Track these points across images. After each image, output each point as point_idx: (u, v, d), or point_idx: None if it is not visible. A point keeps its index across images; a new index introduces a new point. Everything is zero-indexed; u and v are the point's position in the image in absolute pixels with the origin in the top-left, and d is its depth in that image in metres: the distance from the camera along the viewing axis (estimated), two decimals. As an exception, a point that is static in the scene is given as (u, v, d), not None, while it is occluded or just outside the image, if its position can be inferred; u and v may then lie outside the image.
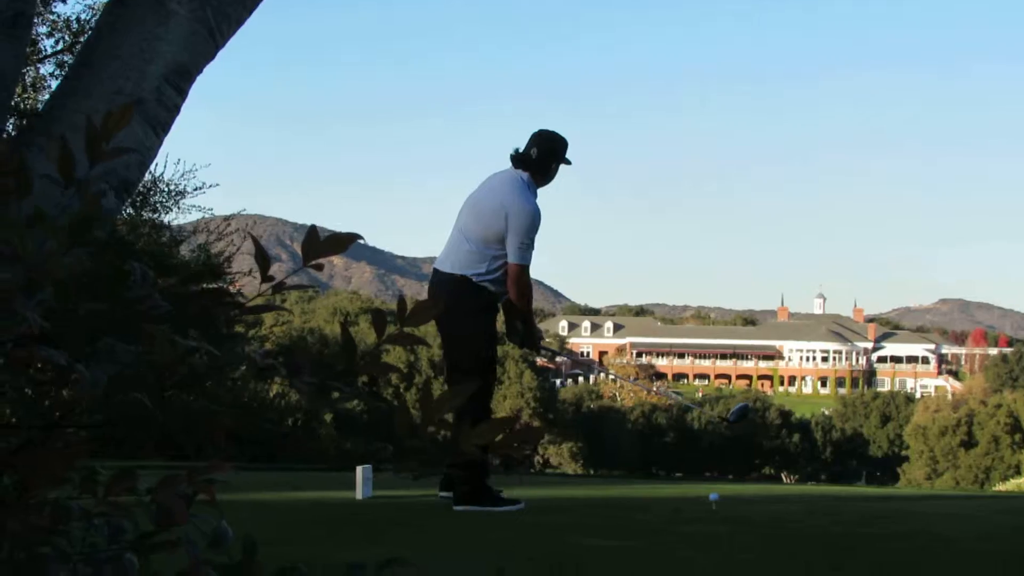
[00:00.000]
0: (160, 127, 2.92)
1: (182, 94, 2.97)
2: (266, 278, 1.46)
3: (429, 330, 4.37)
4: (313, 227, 1.47)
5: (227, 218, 22.80)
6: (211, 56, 3.08)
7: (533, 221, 6.29)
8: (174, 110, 2.96)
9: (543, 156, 6.44)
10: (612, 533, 5.21)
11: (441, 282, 6.38)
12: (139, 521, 1.47)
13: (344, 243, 1.45)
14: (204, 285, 1.50)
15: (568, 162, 6.57)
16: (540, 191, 6.52)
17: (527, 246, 6.28)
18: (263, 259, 1.45)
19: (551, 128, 6.59)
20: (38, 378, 1.45)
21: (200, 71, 3.05)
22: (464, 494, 6.18)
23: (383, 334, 1.45)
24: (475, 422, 1.39)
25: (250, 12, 3.27)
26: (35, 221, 1.37)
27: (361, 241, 1.55)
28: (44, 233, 1.37)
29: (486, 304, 6.34)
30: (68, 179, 1.50)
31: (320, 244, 1.45)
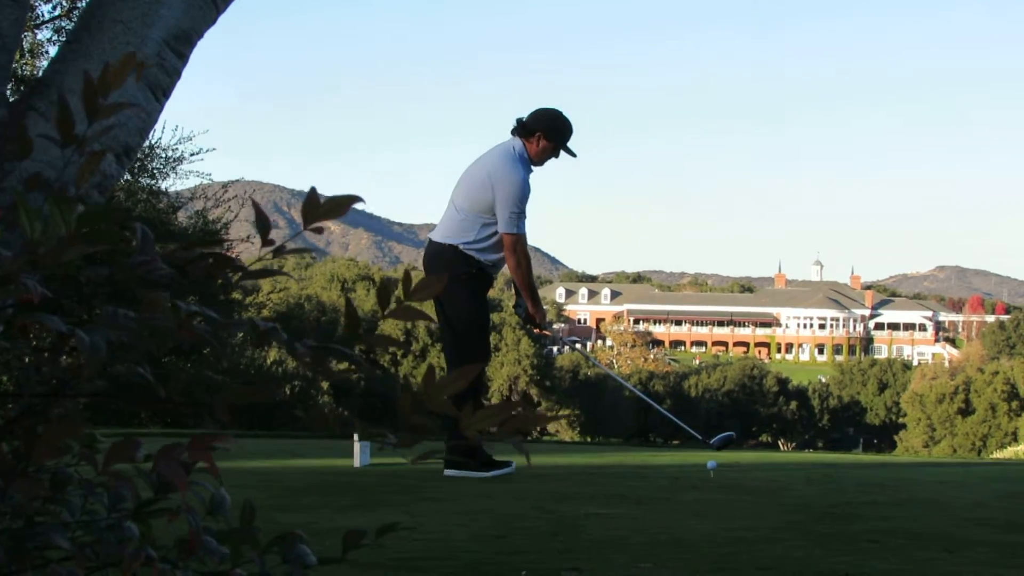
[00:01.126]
0: (161, 92, 2.90)
1: (183, 59, 2.95)
2: (266, 242, 1.45)
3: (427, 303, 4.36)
4: (313, 189, 1.46)
5: (224, 185, 22.72)
6: (212, 21, 3.06)
7: (520, 190, 6.26)
8: (175, 75, 2.93)
9: (532, 126, 6.42)
10: (609, 500, 5.23)
11: (431, 252, 6.46)
12: (139, 489, 1.46)
13: (344, 205, 1.44)
14: (204, 250, 1.48)
15: (572, 153, 6.54)
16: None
17: (517, 215, 6.27)
18: (263, 223, 1.44)
19: (563, 114, 6.58)
20: (38, 345, 1.45)
21: (201, 36, 3.03)
22: (454, 460, 6.19)
23: (387, 307, 1.44)
24: (476, 404, 1.39)
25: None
26: (33, 187, 1.35)
27: (359, 207, 1.53)
28: (55, 219, 1.35)
29: (473, 272, 6.32)
30: (67, 137, 1.48)
31: (320, 207, 1.44)
